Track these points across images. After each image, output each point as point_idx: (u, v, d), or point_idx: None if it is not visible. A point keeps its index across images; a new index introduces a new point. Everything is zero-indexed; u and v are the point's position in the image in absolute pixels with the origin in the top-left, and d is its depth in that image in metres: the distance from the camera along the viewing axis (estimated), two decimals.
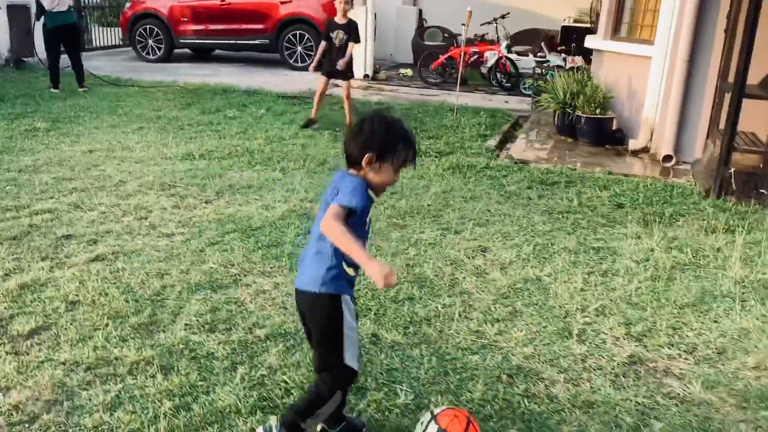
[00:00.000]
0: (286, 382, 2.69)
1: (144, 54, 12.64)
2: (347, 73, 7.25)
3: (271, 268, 3.78)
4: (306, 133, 7.08)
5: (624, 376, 2.90)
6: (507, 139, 7.76)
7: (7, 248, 3.85)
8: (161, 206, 4.67)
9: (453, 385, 2.75)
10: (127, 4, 12.99)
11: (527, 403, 2.66)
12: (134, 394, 2.57)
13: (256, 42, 12.22)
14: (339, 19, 7.10)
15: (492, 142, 7.30)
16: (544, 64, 9.91)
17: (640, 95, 7.17)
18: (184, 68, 11.85)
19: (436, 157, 6.39)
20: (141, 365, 2.76)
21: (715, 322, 3.41)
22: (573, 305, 3.51)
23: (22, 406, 2.47)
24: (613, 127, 7.42)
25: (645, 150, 7.02)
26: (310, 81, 10.76)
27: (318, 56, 7.30)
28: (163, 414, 2.44)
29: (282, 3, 11.92)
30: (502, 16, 11.03)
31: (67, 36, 8.74)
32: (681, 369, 2.98)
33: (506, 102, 9.91)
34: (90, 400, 2.53)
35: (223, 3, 12.14)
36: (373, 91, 10.31)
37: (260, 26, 12.03)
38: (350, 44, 7.10)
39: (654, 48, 6.80)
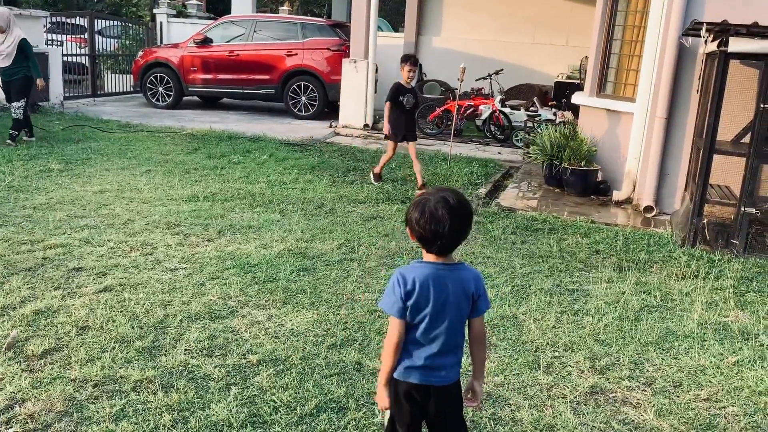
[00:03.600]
0: (274, 401, 2.96)
1: (154, 100, 13.16)
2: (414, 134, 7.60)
3: (266, 301, 4.07)
4: (306, 178, 7.45)
5: (585, 404, 3.17)
6: (497, 188, 8.13)
7: (22, 278, 4.16)
8: (166, 243, 5.00)
9: None
10: (140, 53, 13.59)
11: (493, 425, 2.93)
12: (137, 408, 2.85)
13: (262, 91, 12.75)
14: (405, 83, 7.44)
15: (483, 190, 7.67)
16: (536, 118, 10.37)
17: (623, 149, 7.57)
18: (192, 115, 12.35)
19: None
20: (144, 383, 3.04)
21: (675, 358, 3.69)
22: (544, 341, 3.79)
23: (36, 416, 2.75)
24: (598, 179, 7.79)
25: (628, 201, 7.37)
26: (312, 129, 11.28)
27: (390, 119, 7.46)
28: (163, 425, 2.71)
29: (288, 55, 12.49)
30: (496, 72, 11.57)
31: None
32: (638, 399, 3.25)
33: (499, 153, 10.32)
34: (97, 412, 2.80)
35: (231, 54, 12.72)
36: (372, 140, 10.75)
37: (267, 77, 12.57)
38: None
39: (635, 105, 7.22)
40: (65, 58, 13.57)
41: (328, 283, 4.42)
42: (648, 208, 6.92)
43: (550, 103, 11.19)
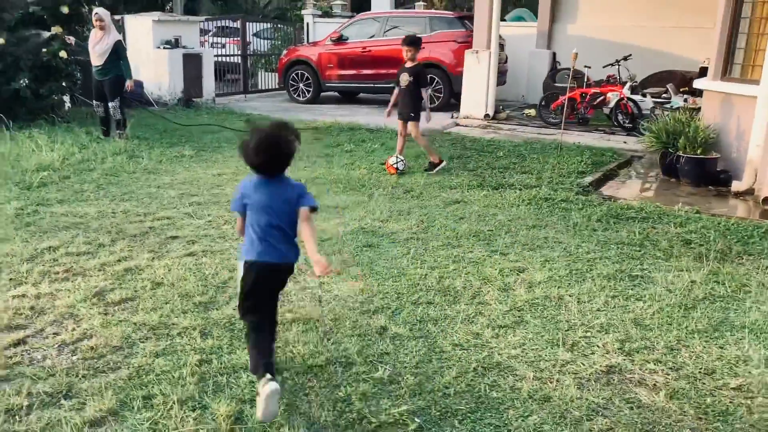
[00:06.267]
0: (292, 353, 3.29)
1: (295, 96, 14.11)
2: (410, 115, 7.56)
3: None
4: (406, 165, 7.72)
5: (594, 381, 3.14)
6: (609, 177, 7.84)
7: (127, 243, 4.87)
8: None
9: (430, 370, 3.18)
10: (284, 52, 14.64)
11: (488, 390, 3.02)
12: (176, 349, 3.31)
13: (391, 85, 13.17)
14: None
15: (589, 179, 7.45)
16: (665, 105, 9.76)
17: (746, 136, 6.98)
18: (327, 109, 13.09)
19: (520, 189, 6.72)
20: (188, 330, 3.50)
21: (720, 348, 3.49)
22: (580, 321, 3.75)
23: (95, 348, 3.30)
24: (718, 168, 7.24)
25: (750, 192, 6.79)
26: (434, 120, 11.47)
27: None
28: (189, 363, 3.14)
29: None
30: (625, 58, 11.00)
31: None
32: (656, 381, 3.15)
33: (624, 142, 9.87)
34: (144, 349, 3.30)
35: (364, 50, 13.30)
36: (491, 130, 10.76)
37: (395, 71, 12.96)
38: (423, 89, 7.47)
39: (759, 88, 6.64)
40: (222, 59, 15.01)
41: (386, 258, 4.66)
42: (766, 200, 6.35)
43: (681, 90, 10.45)
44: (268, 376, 2.67)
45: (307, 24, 16.98)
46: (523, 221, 5.65)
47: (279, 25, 18.50)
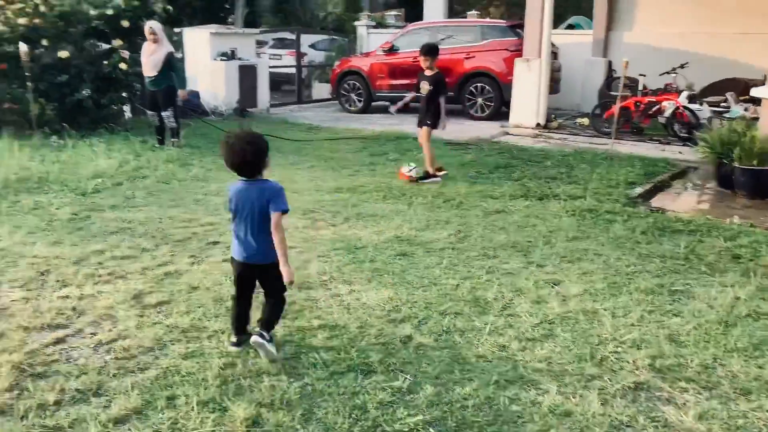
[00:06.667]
0: (315, 359, 3.32)
1: (347, 106, 14.28)
2: (426, 122, 7.59)
3: (354, 278, 4.45)
4: (449, 174, 7.69)
5: (620, 398, 3.06)
6: (660, 188, 7.61)
7: (170, 248, 5.03)
8: (295, 226, 5.61)
9: (451, 381, 3.16)
10: (336, 63, 14.84)
11: (508, 403, 2.98)
12: (204, 351, 3.40)
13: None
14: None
15: (639, 190, 7.25)
16: (724, 114, 9.41)
17: None
18: (377, 118, 13.17)
19: (564, 200, 6.60)
20: (218, 333, 3.59)
21: (760, 368, 3.33)
22: (612, 336, 3.65)
23: (128, 349, 3.42)
24: None
25: None
26: (482, 129, 11.43)
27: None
28: (214, 366, 3.22)
29: (467, 58, 12.78)
30: (681, 66, 10.68)
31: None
32: (686, 400, 3.04)
33: (680, 153, 9.56)
34: (173, 351, 3.40)
35: (415, 60, 13.32)
36: (541, 139, 10.60)
37: (446, 81, 12.96)
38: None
39: None
40: (277, 70, 15.35)
41: (419, 268, 4.66)
42: None
43: (743, 98, 10.04)
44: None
45: (361, 35, 17.17)
46: (563, 232, 5.54)
47: (334, 37, 18.78)
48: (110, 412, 2.83)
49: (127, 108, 11.09)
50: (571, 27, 17.19)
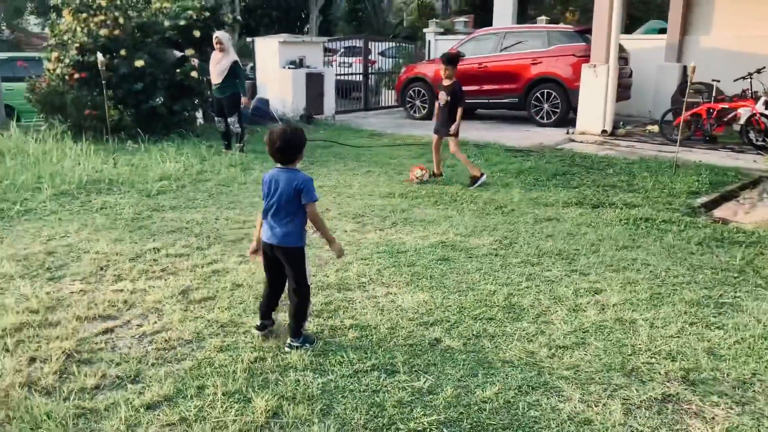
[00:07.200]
0: (342, 356, 3.41)
1: (411, 112, 14.37)
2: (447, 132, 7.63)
3: (392, 281, 4.52)
4: (504, 180, 7.65)
5: (646, 409, 2.99)
6: (727, 198, 7.29)
7: (221, 247, 5.25)
8: (344, 229, 5.74)
9: (472, 384, 3.18)
10: (402, 70, 14.97)
11: (526, 409, 2.97)
12: (238, 346, 3.55)
13: (506, 100, 13.09)
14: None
15: (702, 200, 6.99)
16: None
17: None
18: None
19: (620, 209, 6.44)
20: (253, 328, 3.74)
21: None
22: (647, 347, 3.56)
23: (169, 340, 3.62)
24: None
25: None
26: (547, 136, 11.26)
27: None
28: (246, 360, 3.36)
29: (533, 64, 12.62)
30: (758, 71, 10.17)
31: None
32: (715, 415, 2.94)
33: (754, 161, 9.11)
34: (210, 344, 3.58)
35: (480, 66, 13.30)
36: (606, 147, 10.34)
37: (511, 86, 12.88)
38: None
39: None
40: (344, 78, 15.63)
41: (459, 273, 4.68)
42: None
43: None
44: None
45: (429, 42, 17.25)
46: (613, 241, 5.42)
47: (402, 44, 18.93)
48: (143, 398, 3.02)
49: (199, 114, 11.60)
50: (652, 31, 16.64)
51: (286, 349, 3.49)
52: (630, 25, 21.36)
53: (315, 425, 2.83)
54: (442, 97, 7.62)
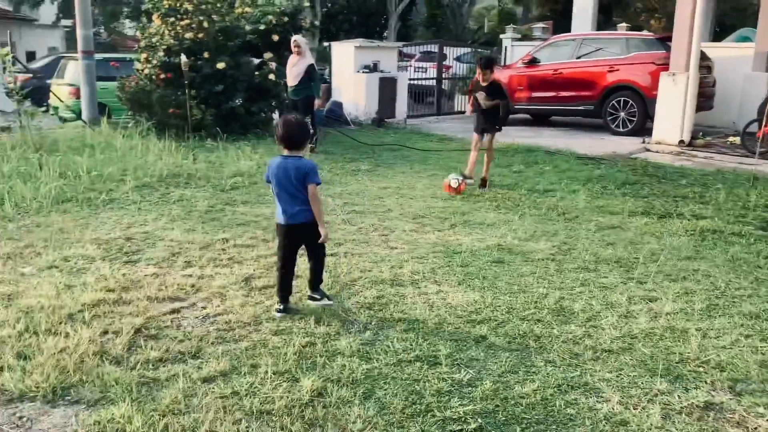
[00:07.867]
0: (387, 347, 3.56)
1: None
2: (494, 127, 7.74)
3: (444, 279, 4.63)
4: (571, 188, 7.59)
5: (686, 415, 2.98)
6: None
7: None
8: (403, 229, 5.89)
9: (512, 380, 3.25)
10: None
11: (563, 406, 3.02)
12: (292, 330, 3.76)
13: (581, 108, 12.90)
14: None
15: None
16: None
17: None
18: (512, 130, 13.08)
19: (688, 219, 6.29)
20: (307, 317, 3.93)
21: None
22: (696, 356, 3.52)
23: (230, 322, 3.87)
24: None
25: None
26: (621, 145, 11.06)
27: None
28: (297, 344, 3.56)
29: (609, 71, 12.40)
30: None
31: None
32: (758, 426, 2.90)
33: None
34: (266, 327, 3.80)
35: (555, 72, 13.17)
36: (683, 157, 10.05)
37: (586, 93, 12.69)
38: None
39: None
40: (418, 82, 15.81)
41: (513, 275, 4.73)
42: None
43: None
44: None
45: (505, 47, 17.19)
46: (676, 252, 5.32)
47: (478, 50, 18.93)
48: (201, 372, 3.26)
49: (275, 115, 12.05)
50: (743, 39, 15.97)
51: (309, 302, 4.09)
52: (721, 32, 20.55)
53: (356, 407, 2.98)
54: (482, 97, 7.70)
